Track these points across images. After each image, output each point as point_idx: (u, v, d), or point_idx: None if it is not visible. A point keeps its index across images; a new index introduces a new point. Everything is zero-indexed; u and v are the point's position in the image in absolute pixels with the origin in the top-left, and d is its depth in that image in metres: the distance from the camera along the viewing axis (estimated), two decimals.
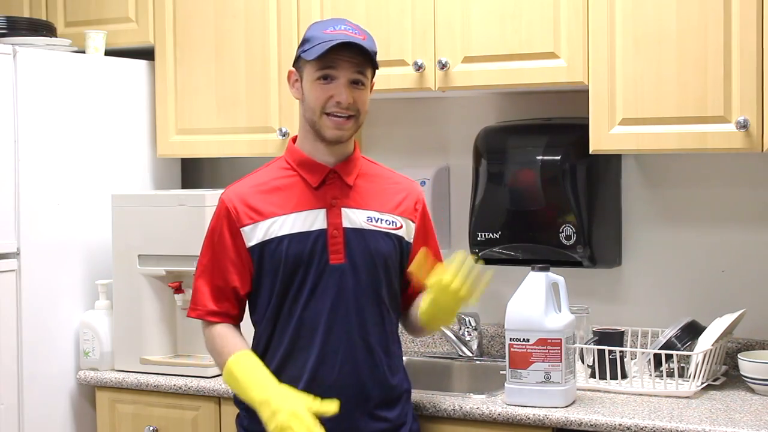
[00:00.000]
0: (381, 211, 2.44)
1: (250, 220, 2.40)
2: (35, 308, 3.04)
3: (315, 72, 2.35)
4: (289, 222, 2.39)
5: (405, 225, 2.48)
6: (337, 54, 2.33)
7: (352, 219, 2.41)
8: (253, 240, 2.39)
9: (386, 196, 2.47)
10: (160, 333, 3.07)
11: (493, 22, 2.85)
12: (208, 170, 3.65)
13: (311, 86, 2.37)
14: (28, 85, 3.03)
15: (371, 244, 2.41)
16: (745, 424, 2.37)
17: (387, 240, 2.43)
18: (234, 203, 2.41)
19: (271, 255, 2.38)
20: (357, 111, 2.37)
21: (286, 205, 2.40)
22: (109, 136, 3.28)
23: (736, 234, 2.92)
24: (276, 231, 2.38)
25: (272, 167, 2.48)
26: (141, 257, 3.06)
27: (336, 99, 2.34)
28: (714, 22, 2.60)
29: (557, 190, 2.89)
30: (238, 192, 2.44)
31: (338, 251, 2.38)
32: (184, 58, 3.31)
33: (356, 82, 2.36)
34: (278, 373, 2.37)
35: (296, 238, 2.38)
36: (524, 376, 2.52)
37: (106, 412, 3.08)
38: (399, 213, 2.47)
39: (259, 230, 2.39)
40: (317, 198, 2.40)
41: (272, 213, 2.39)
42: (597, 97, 2.74)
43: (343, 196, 2.41)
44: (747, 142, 2.58)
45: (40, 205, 3.07)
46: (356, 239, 2.40)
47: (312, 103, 2.37)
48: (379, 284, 2.42)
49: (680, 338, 2.74)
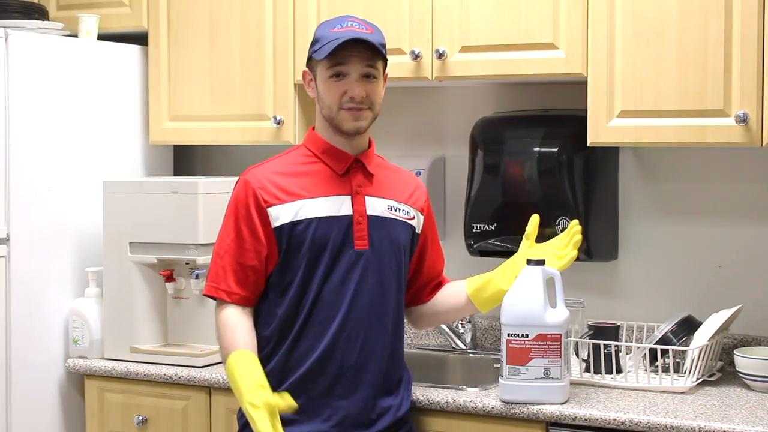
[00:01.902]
0: (399, 201, 2.52)
1: (278, 201, 2.43)
2: (24, 295, 3.02)
3: (327, 71, 2.42)
4: (317, 205, 2.43)
5: (417, 216, 2.55)
6: (346, 51, 2.39)
7: (375, 207, 2.48)
8: (280, 220, 2.42)
9: (401, 187, 2.56)
10: (150, 321, 3.05)
11: (491, 11, 2.83)
12: (201, 158, 3.63)
13: (325, 85, 2.43)
14: (19, 69, 3.00)
15: (392, 232, 2.49)
16: (741, 420, 2.36)
17: (405, 229, 2.52)
18: (261, 183, 2.44)
19: (299, 236, 2.41)
20: (371, 103, 2.44)
21: (314, 189, 2.44)
22: (101, 122, 3.26)
23: (733, 229, 2.91)
24: (304, 213, 2.42)
25: (293, 154, 2.53)
26: (132, 245, 3.03)
27: (350, 94, 2.41)
28: (715, 15, 2.58)
29: (554, 183, 2.88)
30: (263, 173, 2.47)
31: (363, 237, 2.44)
32: (177, 43, 3.28)
33: (368, 76, 2.42)
34: (293, 355, 2.42)
35: (324, 221, 2.42)
36: (522, 373, 2.49)
37: (95, 401, 3.05)
38: (412, 204, 2.55)
39: (286, 211, 2.42)
40: (343, 184, 2.46)
41: (300, 195, 2.43)
42: (596, 89, 2.72)
43: (367, 184, 2.48)
44: (746, 137, 2.57)
45: (31, 190, 3.04)
46: (379, 227, 2.46)
47: (328, 101, 2.43)
48: (400, 271, 2.50)
49: (676, 333, 2.73)
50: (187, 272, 3.03)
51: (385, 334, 2.47)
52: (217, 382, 2.85)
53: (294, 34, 3.10)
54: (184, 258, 2.98)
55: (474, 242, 2.99)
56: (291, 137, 3.11)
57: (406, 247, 2.52)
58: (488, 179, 2.97)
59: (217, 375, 2.86)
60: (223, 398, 2.86)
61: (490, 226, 2.97)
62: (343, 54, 2.39)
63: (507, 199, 2.95)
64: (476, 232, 2.98)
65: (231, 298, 2.44)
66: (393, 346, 2.50)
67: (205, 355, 2.95)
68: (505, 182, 2.95)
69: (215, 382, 2.85)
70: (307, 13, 3.06)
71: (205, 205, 2.95)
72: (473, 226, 2.99)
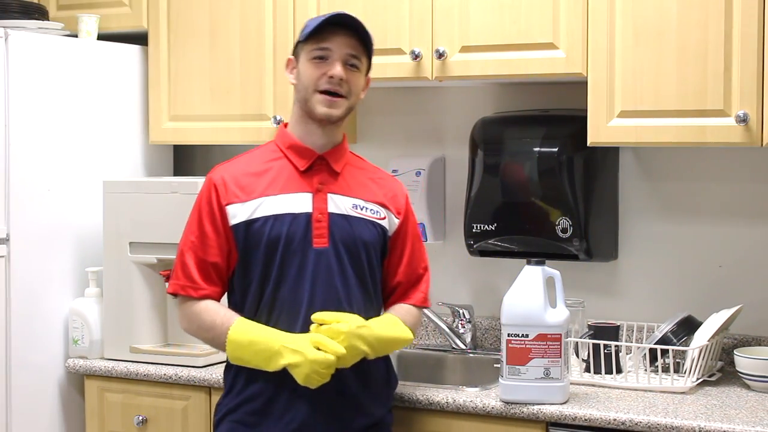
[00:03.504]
0: (366, 200, 2.47)
1: (237, 199, 2.42)
2: (24, 295, 3.02)
3: (310, 51, 2.41)
4: (275, 203, 2.41)
5: (388, 217, 2.50)
6: (332, 32, 2.38)
7: (339, 205, 2.44)
8: (237, 218, 2.41)
9: (372, 187, 2.51)
10: (150, 321, 3.05)
11: (491, 11, 2.83)
12: (201, 157, 3.63)
13: (306, 66, 2.41)
14: (19, 69, 3.00)
15: (356, 231, 2.43)
16: (741, 421, 2.36)
17: (371, 228, 2.46)
18: (224, 180, 2.44)
19: (254, 235, 2.40)
20: (349, 91, 2.41)
21: (274, 187, 2.43)
22: (101, 122, 3.26)
23: (734, 229, 2.91)
24: (261, 211, 2.41)
25: (262, 150, 2.53)
26: (132, 245, 3.03)
27: (329, 74, 2.38)
28: (715, 15, 2.58)
29: (554, 183, 2.87)
30: (227, 171, 2.47)
31: (322, 235, 2.41)
32: (177, 43, 3.28)
33: (350, 64, 2.40)
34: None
35: (280, 219, 2.40)
36: (522, 373, 2.49)
37: (94, 401, 3.05)
38: (383, 205, 2.50)
39: (244, 209, 2.41)
40: (304, 182, 2.44)
41: (260, 193, 2.42)
42: (596, 89, 2.72)
43: (330, 181, 2.45)
44: (746, 137, 2.56)
45: (31, 190, 3.04)
46: (341, 225, 2.42)
47: (306, 80, 2.41)
48: (364, 270, 2.44)
49: (676, 333, 2.72)
50: None
51: None
52: (217, 382, 2.84)
53: (294, 34, 3.09)
54: None
55: (474, 242, 2.99)
56: None
57: (375, 246, 2.46)
58: (488, 179, 2.97)
59: (217, 375, 2.85)
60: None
61: (490, 226, 2.97)
62: (328, 33, 2.38)
63: (507, 199, 2.94)
64: (476, 232, 2.98)
65: (198, 294, 2.43)
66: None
67: (205, 355, 2.95)
68: (505, 182, 2.95)
69: (215, 382, 2.85)
70: (307, 14, 3.05)
71: None
72: (473, 226, 2.98)
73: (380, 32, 2.92)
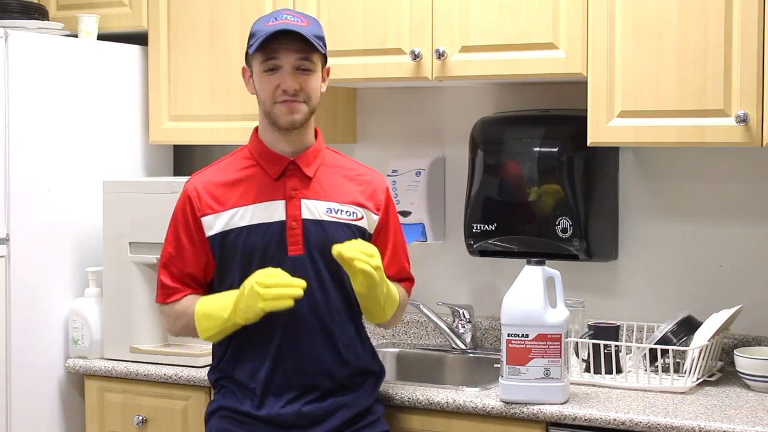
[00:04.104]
0: (341, 202, 2.47)
1: (211, 210, 2.44)
2: (24, 295, 3.01)
3: (260, 65, 2.41)
4: (249, 213, 2.43)
5: (366, 216, 2.50)
6: (278, 43, 2.37)
7: (312, 210, 2.44)
8: (213, 230, 2.44)
9: (347, 187, 2.50)
10: (150, 321, 3.05)
11: (491, 11, 2.83)
12: (201, 157, 3.62)
13: (260, 79, 2.43)
14: (19, 69, 3.00)
15: (331, 235, 2.43)
16: (741, 421, 2.36)
17: (347, 231, 2.46)
18: (197, 192, 2.46)
19: (230, 246, 2.43)
20: (307, 97, 2.41)
21: (247, 196, 2.44)
22: (101, 122, 3.26)
23: (734, 229, 2.91)
24: (236, 222, 2.43)
25: (236, 157, 2.53)
26: (132, 245, 3.03)
27: (282, 87, 2.39)
28: (715, 15, 2.58)
29: (554, 183, 2.87)
30: (201, 181, 2.49)
31: (297, 242, 2.41)
32: (177, 43, 3.27)
33: (302, 69, 2.40)
34: (238, 363, 2.45)
35: (255, 229, 2.42)
36: (522, 373, 2.49)
37: (94, 401, 3.05)
38: (360, 204, 2.49)
39: (220, 221, 2.43)
40: (277, 189, 2.44)
41: (233, 204, 2.44)
42: (596, 89, 2.72)
43: (303, 187, 2.45)
44: (746, 137, 2.56)
45: (31, 190, 3.04)
46: (315, 230, 2.43)
47: (263, 95, 2.43)
48: (342, 274, 2.43)
49: (676, 333, 2.72)
50: None
51: (329, 337, 2.44)
52: None
53: None
54: None
55: (474, 242, 2.98)
56: None
57: None
58: (488, 179, 2.97)
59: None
60: None
61: (490, 226, 2.97)
62: (275, 47, 2.37)
63: (507, 199, 2.94)
64: (476, 232, 2.98)
65: (174, 298, 2.47)
66: (344, 348, 2.46)
67: (205, 355, 2.95)
68: (505, 182, 2.95)
69: None
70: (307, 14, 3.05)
71: None
72: (473, 226, 2.98)
73: (380, 32, 2.93)
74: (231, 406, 2.47)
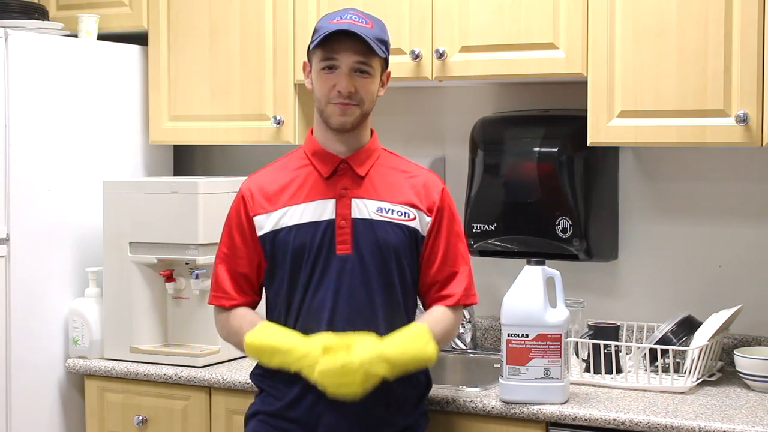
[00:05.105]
0: (393, 202, 2.43)
1: (263, 210, 2.43)
2: (24, 295, 3.01)
3: (319, 62, 2.38)
4: (299, 212, 2.41)
5: (419, 217, 2.44)
6: (338, 43, 2.34)
7: (362, 209, 2.41)
8: (264, 229, 2.42)
9: (402, 187, 2.45)
10: (150, 321, 3.05)
11: (491, 11, 2.83)
12: (201, 157, 3.63)
13: (317, 77, 2.40)
14: (19, 69, 2.99)
15: (380, 235, 2.40)
16: (741, 421, 2.36)
17: (398, 231, 2.42)
18: (251, 192, 2.45)
19: (280, 245, 2.41)
20: (360, 99, 2.38)
21: (298, 196, 2.43)
22: (101, 122, 3.26)
23: (734, 229, 2.91)
24: (286, 221, 2.41)
25: (291, 157, 2.52)
26: (132, 245, 3.03)
27: (337, 88, 2.36)
28: (715, 15, 2.58)
29: (554, 182, 2.87)
30: (256, 181, 2.48)
31: (345, 242, 2.39)
32: (177, 43, 3.27)
33: (359, 71, 2.36)
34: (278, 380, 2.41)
35: (303, 228, 2.40)
36: (522, 373, 2.49)
37: (94, 401, 3.05)
38: (412, 205, 2.44)
39: (270, 220, 2.42)
40: (328, 188, 2.42)
41: (284, 203, 2.42)
42: (596, 89, 2.72)
43: (354, 186, 2.42)
44: (746, 137, 2.56)
45: (31, 190, 3.04)
46: (365, 230, 2.39)
47: (318, 93, 2.41)
48: (391, 275, 2.40)
49: (676, 333, 2.72)
50: (187, 272, 3.03)
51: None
52: (217, 382, 2.84)
53: (294, 34, 3.10)
54: (184, 258, 2.98)
55: (474, 242, 2.98)
56: (291, 137, 3.11)
57: (402, 249, 2.40)
58: (488, 179, 2.97)
59: (217, 375, 2.86)
60: (223, 398, 2.86)
61: (490, 226, 2.97)
62: (335, 46, 2.34)
63: (507, 199, 2.95)
64: (476, 232, 2.98)
65: (229, 303, 2.46)
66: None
67: (205, 354, 2.95)
68: (505, 182, 2.95)
69: (215, 382, 2.85)
70: (307, 13, 3.06)
71: (205, 206, 2.94)
72: (473, 226, 2.98)
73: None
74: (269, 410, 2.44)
